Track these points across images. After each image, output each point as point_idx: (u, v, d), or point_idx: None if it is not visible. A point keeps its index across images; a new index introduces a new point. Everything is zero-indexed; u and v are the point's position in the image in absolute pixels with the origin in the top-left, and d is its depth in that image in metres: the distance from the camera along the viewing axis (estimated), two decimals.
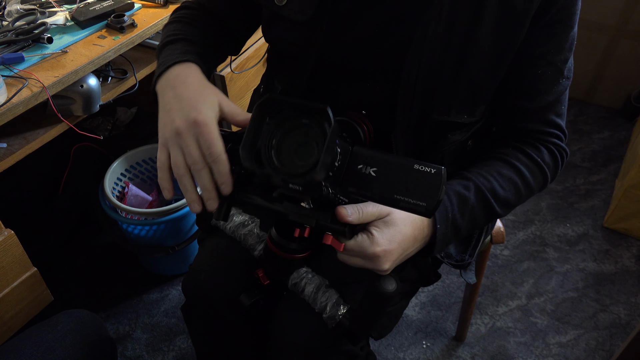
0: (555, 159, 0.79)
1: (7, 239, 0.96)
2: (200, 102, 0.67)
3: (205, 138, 0.63)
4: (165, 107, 0.69)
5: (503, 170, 0.76)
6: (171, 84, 0.71)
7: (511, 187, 0.76)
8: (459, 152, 0.79)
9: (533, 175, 0.77)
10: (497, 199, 0.74)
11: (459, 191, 0.72)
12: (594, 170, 1.97)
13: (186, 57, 0.74)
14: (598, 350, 1.42)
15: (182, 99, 0.68)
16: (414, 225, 0.67)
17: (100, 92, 1.18)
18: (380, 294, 0.64)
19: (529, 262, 1.65)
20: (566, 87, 0.76)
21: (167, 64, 0.74)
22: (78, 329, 0.82)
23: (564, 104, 0.77)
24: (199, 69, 0.74)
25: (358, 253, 0.63)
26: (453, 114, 0.73)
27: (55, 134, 1.14)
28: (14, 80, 1.01)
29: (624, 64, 2.11)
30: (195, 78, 0.72)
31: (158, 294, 1.56)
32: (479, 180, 0.74)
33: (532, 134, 0.78)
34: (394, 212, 0.66)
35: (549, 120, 0.77)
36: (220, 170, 0.63)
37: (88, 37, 1.15)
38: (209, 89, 0.70)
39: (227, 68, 1.46)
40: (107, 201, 1.36)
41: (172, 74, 0.73)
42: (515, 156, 0.77)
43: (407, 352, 1.41)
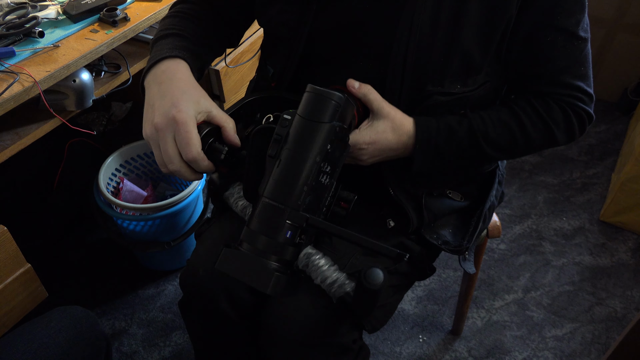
0: (567, 117, 0.78)
1: (1, 235, 0.95)
2: (181, 100, 0.67)
3: (181, 137, 0.64)
4: (149, 102, 0.70)
5: (502, 116, 0.78)
6: (157, 80, 0.71)
7: (505, 131, 0.77)
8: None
9: (534, 125, 0.77)
10: (487, 140, 0.76)
11: (450, 123, 0.76)
12: (590, 163, 1.97)
13: (175, 53, 0.74)
14: (594, 343, 1.42)
15: (165, 96, 0.68)
16: (398, 132, 0.73)
17: (93, 86, 1.17)
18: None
19: (525, 256, 1.65)
20: (583, 48, 0.75)
21: (155, 59, 0.74)
22: (72, 325, 0.81)
23: (583, 65, 0.76)
24: (187, 66, 0.74)
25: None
26: (447, 84, 0.74)
27: (48, 129, 1.13)
28: (4, 74, 1.00)
29: (620, 58, 2.10)
30: (182, 75, 0.72)
31: (154, 289, 1.56)
32: (474, 120, 0.76)
33: (548, 95, 0.78)
34: (389, 117, 0.72)
35: (565, 82, 0.76)
36: (198, 168, 0.66)
37: (80, 31, 1.14)
38: (193, 88, 0.70)
39: (222, 62, 1.45)
40: (102, 197, 1.36)
41: (159, 69, 0.72)
42: (521, 105, 0.78)
43: (403, 347, 1.41)
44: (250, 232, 0.62)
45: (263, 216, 0.62)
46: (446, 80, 0.74)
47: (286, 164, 0.63)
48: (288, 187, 0.62)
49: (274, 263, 0.60)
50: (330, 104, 0.64)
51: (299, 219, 0.61)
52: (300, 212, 0.61)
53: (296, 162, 0.63)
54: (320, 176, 0.64)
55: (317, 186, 0.64)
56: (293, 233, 0.61)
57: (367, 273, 0.64)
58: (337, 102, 0.65)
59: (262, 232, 0.61)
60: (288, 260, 0.61)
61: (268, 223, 0.61)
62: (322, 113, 0.64)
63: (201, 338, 1.01)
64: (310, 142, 0.63)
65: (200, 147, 0.66)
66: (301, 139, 0.63)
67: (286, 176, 0.62)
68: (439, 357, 1.40)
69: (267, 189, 0.63)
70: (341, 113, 0.66)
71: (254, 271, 0.59)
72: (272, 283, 0.58)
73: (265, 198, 0.62)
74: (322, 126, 0.64)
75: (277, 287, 0.59)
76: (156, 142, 0.67)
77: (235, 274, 0.60)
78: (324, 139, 0.64)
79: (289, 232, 0.61)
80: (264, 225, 0.61)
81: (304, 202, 0.62)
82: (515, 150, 0.79)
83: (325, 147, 0.63)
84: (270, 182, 0.63)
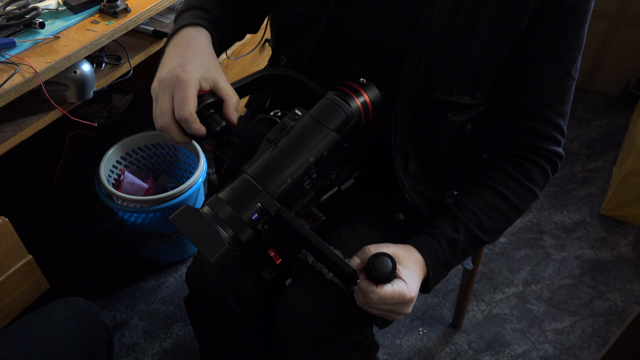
0: (545, 173, 0.79)
1: (2, 227, 0.95)
2: (190, 62, 0.68)
3: (178, 95, 0.65)
4: (163, 61, 0.71)
5: (491, 200, 0.78)
6: (175, 43, 0.73)
7: (499, 216, 0.78)
8: (457, 134, 0.79)
9: (521, 198, 0.78)
10: (485, 232, 0.77)
11: (449, 235, 0.76)
12: (591, 157, 1.97)
13: (197, 21, 0.75)
14: (594, 336, 1.43)
15: (178, 56, 0.69)
16: (418, 266, 0.72)
17: (94, 78, 1.17)
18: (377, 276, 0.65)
19: (526, 249, 1.65)
20: (570, 86, 0.75)
21: (179, 25, 0.75)
22: (74, 317, 0.81)
23: (566, 104, 0.76)
24: (207, 35, 0.75)
25: (397, 299, 0.66)
26: (455, 94, 0.74)
27: (49, 120, 1.12)
28: (5, 65, 0.99)
29: (623, 51, 2.09)
30: (199, 41, 0.73)
31: (155, 281, 1.56)
32: (468, 218, 0.77)
33: (526, 140, 0.77)
34: (404, 256, 0.70)
35: (548, 119, 0.76)
36: (189, 129, 0.66)
37: (81, 22, 1.14)
38: (207, 55, 0.71)
39: (223, 54, 1.44)
40: (103, 189, 1.36)
41: (180, 35, 0.74)
42: (503, 182, 0.78)
43: (404, 339, 1.42)
44: (217, 200, 0.61)
45: (237, 190, 0.61)
46: (455, 90, 0.73)
47: (280, 151, 0.63)
48: (273, 172, 0.62)
49: (228, 237, 0.58)
50: (342, 115, 0.66)
51: (271, 206, 0.60)
52: (274, 200, 0.61)
53: (290, 153, 0.63)
54: (305, 177, 0.64)
55: (299, 187, 0.64)
56: (259, 217, 0.60)
57: (376, 261, 0.65)
58: (348, 115, 0.66)
59: (230, 203, 0.60)
60: (242, 241, 0.60)
61: (239, 197, 0.60)
62: (332, 120, 0.66)
63: (206, 334, 1.01)
64: (311, 141, 0.64)
65: (195, 109, 0.66)
66: (304, 134, 0.64)
67: (276, 162, 0.62)
68: (439, 349, 1.40)
69: (252, 167, 0.63)
70: (347, 131, 0.66)
71: (205, 236, 0.58)
72: (220, 254, 0.57)
73: (247, 174, 0.62)
74: (327, 132, 0.65)
75: (222, 260, 0.57)
76: (157, 96, 0.68)
77: (185, 232, 0.58)
78: (325, 144, 0.64)
79: (256, 215, 0.60)
80: (234, 198, 0.60)
81: (281, 193, 0.61)
82: (509, 225, 0.81)
83: (322, 152, 0.64)
84: (258, 162, 0.63)
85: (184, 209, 0.59)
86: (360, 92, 0.72)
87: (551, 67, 0.72)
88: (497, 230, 0.79)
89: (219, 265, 0.57)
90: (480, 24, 0.68)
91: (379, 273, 0.64)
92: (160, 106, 0.67)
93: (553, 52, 0.71)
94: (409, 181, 0.81)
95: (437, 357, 1.39)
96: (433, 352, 1.40)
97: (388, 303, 0.66)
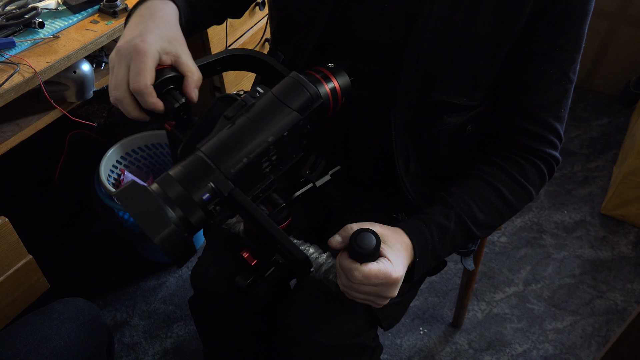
0: (541, 174, 0.78)
1: (2, 226, 0.95)
2: (151, 33, 0.65)
3: (134, 65, 0.62)
4: (124, 31, 0.68)
5: (485, 194, 0.76)
6: (138, 13, 0.70)
7: (492, 210, 0.76)
8: (456, 135, 0.78)
9: (516, 195, 0.77)
10: (477, 225, 0.75)
11: (440, 222, 0.73)
12: (592, 157, 1.97)
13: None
14: (594, 336, 1.43)
15: (138, 26, 0.66)
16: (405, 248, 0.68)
17: (94, 78, 1.17)
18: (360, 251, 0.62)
19: (526, 248, 1.65)
20: (568, 89, 0.74)
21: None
22: (74, 317, 0.81)
23: (563, 107, 0.75)
24: (174, 8, 0.72)
25: (383, 279, 0.62)
26: (452, 94, 0.73)
27: (49, 120, 1.12)
28: (5, 65, 0.99)
29: (623, 50, 2.09)
30: (164, 13, 0.70)
31: (155, 281, 1.56)
32: (460, 208, 0.74)
33: (523, 141, 0.77)
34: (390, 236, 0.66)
35: (545, 122, 0.75)
36: (144, 102, 0.63)
37: (80, 22, 1.13)
38: (170, 28, 0.68)
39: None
40: (103, 188, 1.35)
41: (145, 5, 0.71)
42: (499, 178, 0.76)
43: (404, 339, 1.42)
44: (168, 178, 0.57)
45: (189, 168, 0.57)
46: (452, 90, 0.73)
47: (238, 128, 0.60)
48: (229, 150, 0.58)
49: (176, 217, 0.55)
50: (305, 95, 0.62)
51: (224, 186, 0.57)
52: (228, 180, 0.57)
53: (248, 131, 0.59)
54: (263, 159, 0.60)
55: (256, 168, 0.60)
56: (211, 197, 0.57)
57: (359, 237, 0.62)
58: (312, 96, 0.63)
59: (180, 181, 0.56)
60: (192, 224, 0.56)
61: (191, 176, 0.57)
62: (295, 100, 0.62)
63: (211, 335, 1.01)
64: (271, 120, 0.60)
65: (152, 82, 0.63)
66: (263, 112, 0.61)
67: (231, 139, 0.59)
68: (440, 349, 1.40)
69: (206, 145, 0.59)
70: (311, 114, 0.63)
71: (150, 215, 0.53)
72: (164, 234, 0.52)
73: (200, 152, 0.58)
74: (288, 111, 0.61)
75: (167, 240, 0.53)
76: (113, 66, 0.65)
77: (129, 210, 0.54)
78: (286, 123, 0.61)
79: (207, 195, 0.56)
80: (185, 176, 0.56)
81: (236, 173, 0.58)
82: (501, 222, 0.79)
83: (282, 132, 0.60)
84: (213, 140, 0.59)
85: (129, 184, 0.55)
86: (330, 77, 0.68)
87: (548, 68, 0.72)
88: (488, 225, 0.77)
89: (164, 247, 0.52)
90: (478, 24, 0.68)
91: (362, 249, 0.61)
92: (115, 76, 0.64)
93: (551, 53, 0.71)
94: (411, 182, 0.80)
95: (438, 357, 1.39)
96: (433, 351, 1.40)
97: (372, 283, 0.63)
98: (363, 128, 0.81)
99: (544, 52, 0.71)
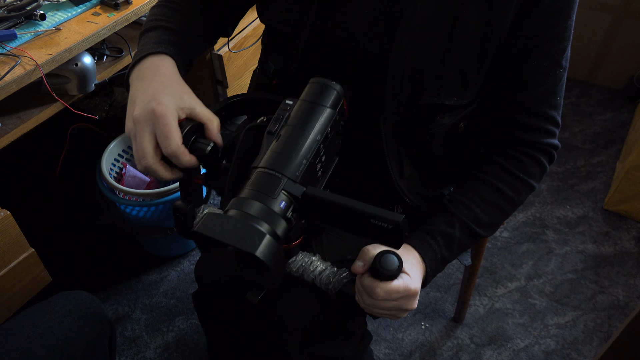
0: (541, 165, 0.78)
1: (4, 220, 0.95)
2: (162, 94, 0.65)
3: (160, 130, 0.62)
4: (131, 98, 0.68)
5: (486, 195, 0.77)
6: (141, 76, 0.70)
7: (495, 209, 0.77)
8: (449, 134, 0.78)
9: (517, 191, 0.78)
10: (481, 226, 0.77)
11: (444, 230, 0.75)
12: (595, 152, 1.96)
13: (160, 49, 0.73)
14: (596, 331, 1.42)
15: (147, 90, 0.67)
16: (417, 262, 0.71)
17: (96, 70, 1.16)
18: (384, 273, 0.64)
19: (529, 244, 1.65)
20: (562, 77, 0.74)
21: (140, 55, 0.72)
22: (76, 310, 0.81)
23: (559, 95, 0.75)
24: (172, 62, 0.73)
25: (403, 292, 0.65)
26: (442, 96, 0.73)
27: (51, 113, 1.12)
28: (6, 58, 0.99)
29: (627, 45, 2.08)
30: (165, 71, 0.70)
31: (157, 275, 1.56)
32: (462, 213, 0.76)
33: (521, 135, 0.77)
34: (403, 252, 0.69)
35: (541, 113, 0.75)
36: (179, 162, 0.64)
37: (82, 14, 1.13)
38: (177, 84, 0.69)
39: (225, 47, 1.43)
40: (105, 182, 1.35)
41: (144, 66, 0.71)
42: (499, 176, 0.78)
43: (405, 333, 1.42)
44: (240, 200, 0.57)
45: (257, 183, 0.58)
46: (442, 91, 0.73)
47: (287, 137, 0.61)
48: (287, 157, 0.59)
49: (266, 232, 0.55)
50: (333, 92, 0.65)
51: (296, 189, 0.58)
52: (297, 183, 0.58)
53: (297, 136, 0.61)
54: (317, 159, 0.62)
55: (313, 171, 0.61)
56: (287, 204, 0.58)
57: (383, 259, 0.64)
58: (339, 92, 0.65)
59: (255, 198, 0.57)
60: (278, 235, 0.57)
61: (263, 189, 0.57)
62: (326, 98, 0.64)
63: (214, 329, 1.02)
64: (312, 121, 0.62)
65: (181, 141, 0.63)
66: (303, 117, 0.63)
67: (286, 147, 0.60)
68: (441, 343, 1.40)
69: (263, 160, 0.60)
70: (340, 108, 0.65)
71: (242, 233, 0.54)
72: (263, 245, 0.53)
73: (261, 168, 0.59)
74: (324, 109, 0.63)
75: (268, 250, 0.53)
76: (134, 135, 0.65)
77: (218, 236, 0.54)
78: (326, 120, 0.63)
79: (283, 203, 0.57)
80: (257, 192, 0.57)
81: (301, 177, 0.59)
82: (505, 218, 0.80)
83: (326, 130, 0.62)
84: (268, 154, 0.60)
85: (207, 217, 0.56)
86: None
87: (541, 61, 0.71)
88: (493, 224, 0.79)
89: (266, 257, 0.53)
90: (463, 24, 0.68)
91: (387, 270, 0.63)
92: (140, 146, 0.63)
93: (541, 46, 0.70)
94: (407, 184, 0.80)
95: (439, 352, 1.39)
96: (435, 346, 1.40)
97: (393, 298, 0.65)
98: (354, 131, 0.82)
99: (534, 46, 0.70)
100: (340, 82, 0.70)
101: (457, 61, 0.70)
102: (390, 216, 0.56)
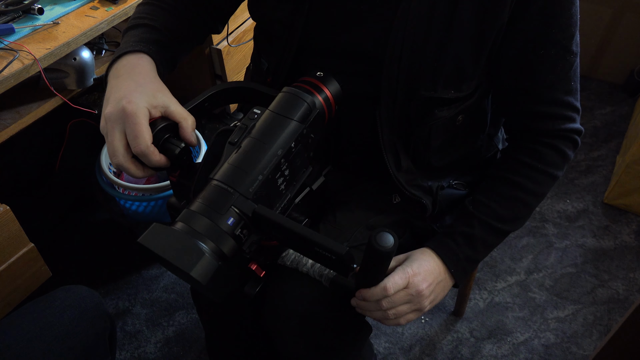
0: (561, 152, 0.78)
1: (3, 215, 0.95)
2: (134, 92, 0.65)
3: (130, 129, 0.62)
4: (106, 96, 0.68)
5: (504, 191, 0.78)
6: (116, 74, 0.70)
7: (516, 204, 0.78)
8: (447, 127, 0.78)
9: (537, 182, 0.78)
10: (503, 222, 0.77)
11: (463, 231, 0.77)
12: (595, 146, 1.95)
13: (138, 47, 0.72)
14: (596, 325, 1.43)
15: (120, 89, 0.67)
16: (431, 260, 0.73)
17: (94, 65, 1.16)
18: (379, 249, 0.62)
19: (528, 237, 1.65)
20: (573, 62, 0.74)
21: (118, 53, 0.72)
22: (76, 304, 0.81)
23: (573, 80, 0.75)
24: (149, 60, 0.72)
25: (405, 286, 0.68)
26: (439, 89, 0.73)
27: (49, 108, 1.12)
28: (4, 52, 0.98)
29: (628, 38, 2.07)
30: (141, 69, 0.70)
31: (157, 269, 1.56)
32: (481, 212, 0.77)
33: (536, 125, 0.77)
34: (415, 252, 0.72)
35: (556, 99, 0.75)
36: (149, 162, 0.63)
37: (80, 8, 1.12)
38: (151, 82, 0.69)
39: (224, 41, 1.43)
40: (104, 177, 1.35)
41: (120, 64, 0.71)
42: (515, 170, 0.78)
43: (406, 327, 1.42)
44: (189, 213, 0.56)
45: (208, 198, 0.57)
46: (439, 85, 0.72)
47: (246, 150, 0.60)
48: (242, 172, 0.58)
49: (208, 249, 0.54)
50: (303, 105, 0.63)
51: (246, 206, 0.57)
52: (248, 200, 0.57)
53: (256, 149, 0.60)
54: (277, 174, 0.61)
55: (272, 186, 0.61)
56: (236, 222, 0.56)
57: (378, 236, 0.62)
58: (309, 105, 0.64)
59: (203, 213, 0.56)
60: (224, 253, 0.55)
61: (212, 205, 0.56)
62: (293, 111, 0.63)
63: (213, 323, 1.02)
64: (275, 134, 0.61)
65: (151, 140, 0.62)
66: (267, 129, 0.61)
67: (242, 161, 0.59)
68: (441, 337, 1.40)
69: (218, 173, 0.59)
70: (312, 122, 0.64)
71: (182, 250, 0.53)
72: (200, 265, 0.51)
73: (214, 180, 0.59)
74: (290, 122, 0.62)
75: (204, 271, 0.52)
76: (106, 134, 0.65)
77: (158, 251, 0.53)
78: (290, 134, 0.61)
79: (232, 220, 0.56)
80: (206, 207, 0.56)
81: (255, 193, 0.58)
82: (530, 210, 0.80)
83: (289, 144, 0.61)
84: (225, 166, 0.59)
85: (153, 228, 0.55)
86: (321, 87, 0.69)
87: (549, 50, 0.71)
88: (516, 218, 0.79)
89: (202, 279, 0.51)
90: (459, 17, 0.67)
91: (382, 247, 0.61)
92: (111, 144, 0.64)
93: (549, 35, 0.70)
94: (405, 177, 0.80)
95: (439, 345, 1.39)
96: (435, 340, 1.40)
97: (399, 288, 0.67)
98: (351, 125, 0.82)
99: (541, 35, 0.70)
100: (335, 78, 0.70)
101: (454, 55, 0.70)
102: (335, 247, 0.56)
